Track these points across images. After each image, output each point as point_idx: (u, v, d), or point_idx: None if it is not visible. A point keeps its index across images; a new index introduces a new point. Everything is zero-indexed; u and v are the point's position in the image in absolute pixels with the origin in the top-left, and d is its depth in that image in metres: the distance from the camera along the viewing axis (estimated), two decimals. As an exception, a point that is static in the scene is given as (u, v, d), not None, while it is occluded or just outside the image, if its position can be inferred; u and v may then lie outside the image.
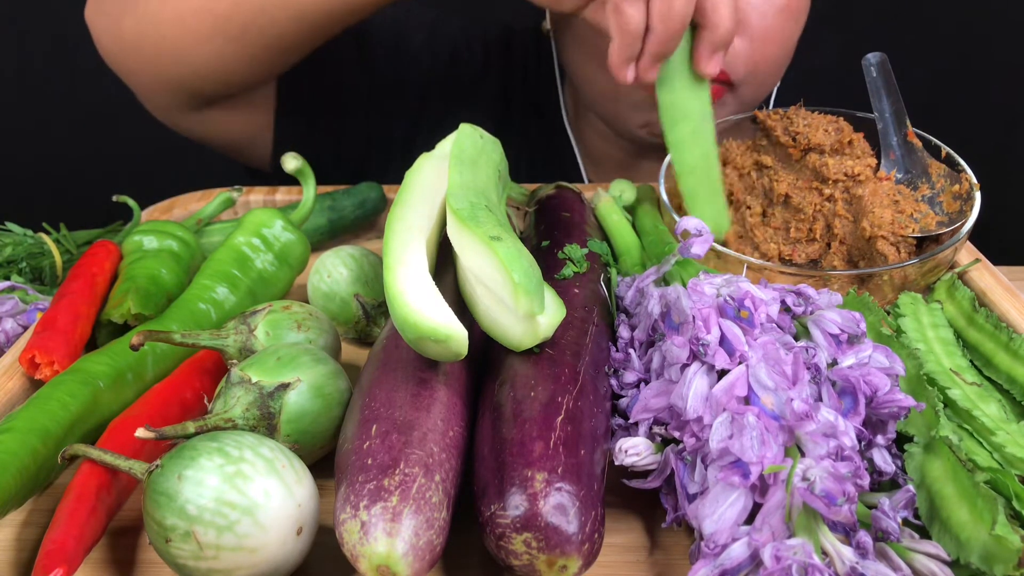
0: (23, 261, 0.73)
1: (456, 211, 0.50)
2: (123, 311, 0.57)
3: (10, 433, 0.46)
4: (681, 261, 0.54)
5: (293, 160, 0.66)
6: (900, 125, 0.67)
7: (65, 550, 0.40)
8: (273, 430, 0.48)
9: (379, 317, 0.62)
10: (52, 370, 0.53)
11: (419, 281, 0.47)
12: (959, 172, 0.65)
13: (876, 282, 0.59)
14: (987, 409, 0.49)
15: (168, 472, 0.41)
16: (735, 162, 0.69)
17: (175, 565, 0.41)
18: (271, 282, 0.63)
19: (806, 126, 0.66)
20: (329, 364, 0.50)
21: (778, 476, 0.39)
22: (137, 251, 0.64)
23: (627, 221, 0.67)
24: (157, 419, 0.48)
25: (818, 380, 0.44)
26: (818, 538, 0.37)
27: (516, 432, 0.43)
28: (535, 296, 0.45)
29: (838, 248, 0.63)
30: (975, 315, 0.57)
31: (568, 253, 0.57)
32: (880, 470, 0.44)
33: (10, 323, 0.64)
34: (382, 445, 0.42)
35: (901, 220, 0.61)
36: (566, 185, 0.69)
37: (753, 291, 0.46)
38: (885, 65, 0.68)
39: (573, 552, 0.40)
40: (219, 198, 0.73)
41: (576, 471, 0.41)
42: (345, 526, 0.39)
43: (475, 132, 0.60)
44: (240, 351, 0.53)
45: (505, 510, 0.40)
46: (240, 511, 0.40)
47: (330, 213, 0.77)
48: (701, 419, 0.43)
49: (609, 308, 0.56)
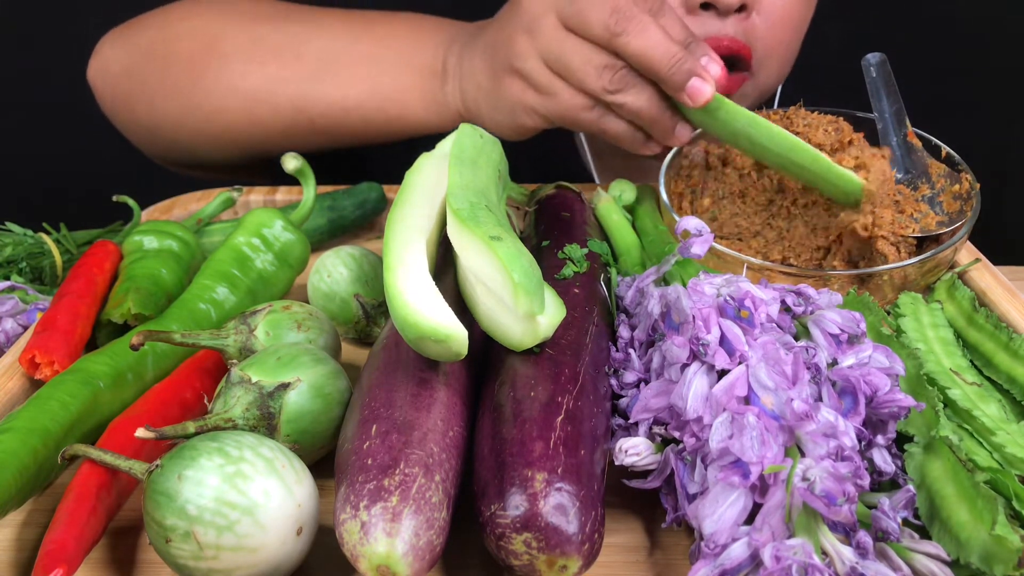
0: (23, 261, 0.73)
1: (456, 211, 0.50)
2: (123, 311, 0.57)
3: (10, 433, 0.46)
4: (681, 261, 0.54)
5: (293, 160, 0.66)
6: (900, 125, 0.67)
7: (65, 550, 0.40)
8: (273, 430, 0.48)
9: (379, 317, 0.62)
10: (52, 370, 0.53)
11: (419, 281, 0.47)
12: (959, 172, 0.65)
13: (876, 282, 0.59)
14: (987, 409, 0.49)
15: (168, 472, 0.41)
16: (735, 162, 0.69)
17: (175, 565, 0.41)
18: (271, 282, 0.63)
19: (806, 126, 0.66)
20: (329, 364, 0.50)
21: (778, 476, 0.39)
22: (137, 251, 0.64)
23: (627, 221, 0.67)
24: (157, 419, 0.48)
25: (818, 380, 0.44)
26: (818, 538, 0.37)
27: (516, 432, 0.43)
28: (535, 296, 0.45)
29: (838, 248, 0.63)
30: (975, 315, 0.57)
31: (568, 253, 0.57)
32: (880, 470, 0.44)
33: (10, 323, 0.64)
34: (382, 445, 0.42)
35: (901, 220, 0.61)
36: (566, 185, 0.69)
37: (753, 291, 0.46)
38: (885, 65, 0.68)
39: (573, 552, 0.40)
40: (219, 198, 0.73)
41: (576, 471, 0.41)
42: (345, 526, 0.39)
43: (475, 132, 0.60)
44: (240, 351, 0.53)
45: (505, 510, 0.40)
46: (240, 511, 0.40)
47: (330, 213, 0.77)
48: (701, 419, 0.43)
49: (609, 308, 0.56)
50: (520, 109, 0.69)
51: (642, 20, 0.62)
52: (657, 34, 0.62)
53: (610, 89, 0.64)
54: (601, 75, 0.64)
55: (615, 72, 0.63)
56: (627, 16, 0.62)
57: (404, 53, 0.77)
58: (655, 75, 0.63)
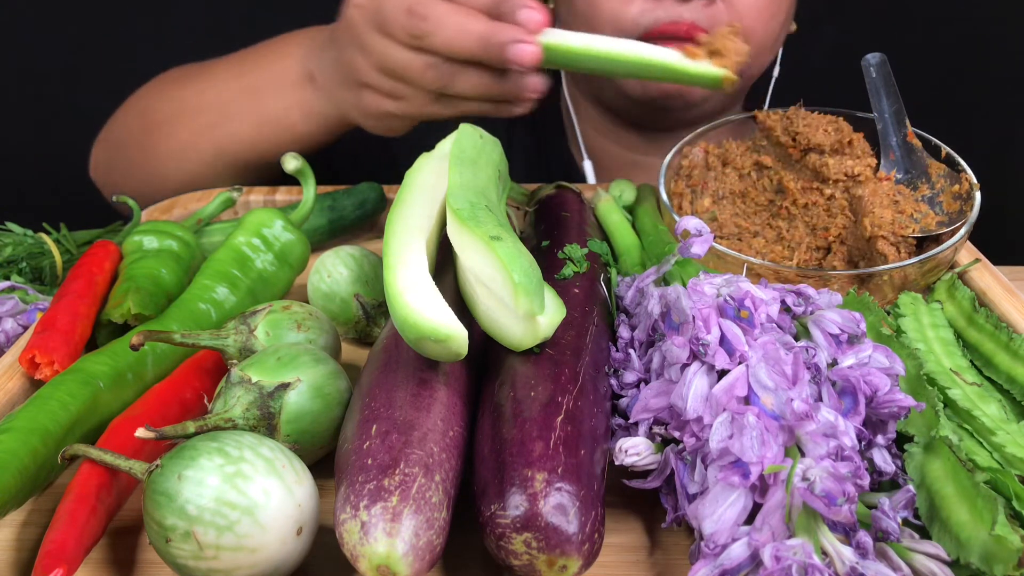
0: (23, 261, 0.73)
1: (456, 211, 0.50)
2: (123, 311, 0.57)
3: (10, 433, 0.46)
4: (681, 261, 0.54)
5: (293, 160, 0.66)
6: (900, 125, 0.67)
7: (65, 550, 0.40)
8: (273, 430, 0.48)
9: (379, 317, 0.62)
10: (52, 370, 0.53)
11: (419, 281, 0.47)
12: (959, 172, 0.65)
13: (876, 282, 0.59)
14: (987, 409, 0.49)
15: (168, 472, 0.41)
16: (735, 162, 0.69)
17: (175, 565, 0.41)
18: (271, 282, 0.63)
19: (806, 126, 0.66)
20: (329, 364, 0.50)
21: (778, 476, 0.39)
22: (137, 251, 0.64)
23: (627, 221, 0.67)
24: (157, 419, 0.48)
25: (818, 380, 0.44)
26: (818, 538, 0.37)
27: (516, 432, 0.43)
28: (535, 296, 0.45)
29: (838, 248, 0.63)
30: (975, 315, 0.57)
31: (568, 253, 0.57)
32: (880, 470, 0.44)
33: (10, 323, 0.64)
34: (382, 445, 0.42)
35: (901, 220, 0.61)
36: (566, 185, 0.69)
37: (753, 291, 0.46)
38: (885, 65, 0.68)
39: (573, 552, 0.40)
40: (219, 198, 0.73)
41: (576, 471, 0.41)
42: (345, 526, 0.39)
43: (475, 132, 0.60)
44: (240, 351, 0.53)
45: (505, 510, 0.40)
46: (240, 511, 0.40)
47: (330, 213, 0.77)
48: (701, 419, 0.43)
49: (609, 308, 0.56)
50: (383, 116, 0.71)
51: (437, 14, 0.62)
52: (456, 22, 0.62)
53: (440, 84, 0.65)
54: (426, 75, 0.64)
55: (436, 69, 0.64)
56: (422, 15, 0.62)
57: (276, 75, 0.80)
58: (472, 60, 0.63)
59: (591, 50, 0.63)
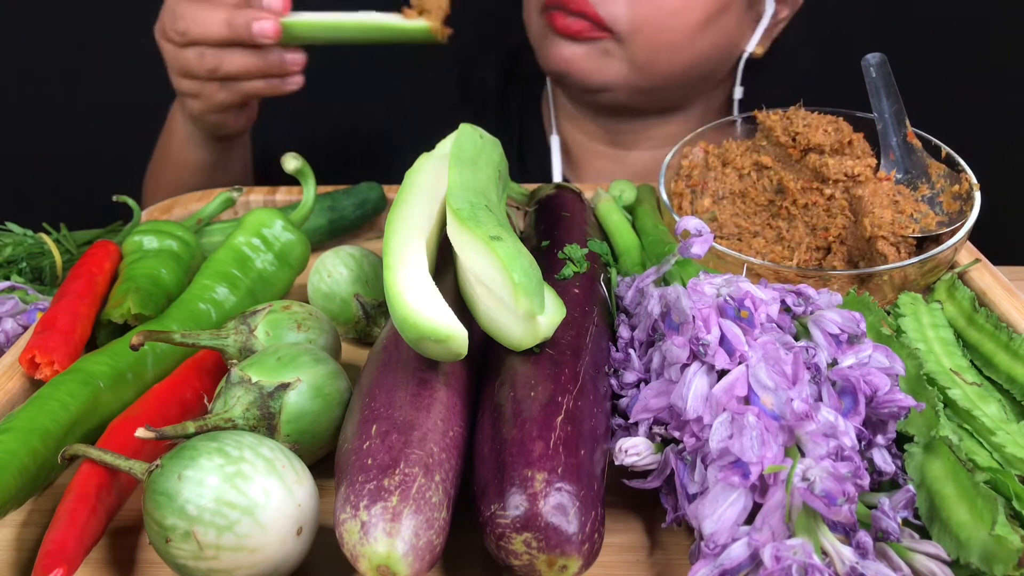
0: (23, 261, 0.73)
1: (456, 211, 0.50)
2: (123, 311, 0.57)
3: (10, 433, 0.46)
4: (681, 261, 0.54)
5: (293, 160, 0.66)
6: (900, 125, 0.67)
7: (65, 550, 0.40)
8: (273, 430, 0.48)
9: (379, 317, 0.62)
10: (52, 370, 0.53)
11: (419, 281, 0.47)
12: (959, 172, 0.65)
13: (876, 282, 0.59)
14: (987, 409, 0.49)
15: (168, 472, 0.41)
16: (735, 162, 0.69)
17: (175, 565, 0.41)
18: (271, 282, 0.63)
19: (806, 126, 0.66)
20: (329, 364, 0.50)
21: (778, 476, 0.39)
22: (137, 251, 0.64)
23: (627, 221, 0.67)
24: (157, 419, 0.48)
25: (818, 380, 0.44)
26: (818, 538, 0.37)
27: (516, 432, 0.43)
28: (535, 296, 0.45)
29: (838, 248, 0.63)
30: (975, 315, 0.57)
31: (568, 253, 0.57)
32: (880, 470, 0.44)
33: (10, 323, 0.64)
34: (382, 445, 0.42)
35: (901, 220, 0.61)
36: (566, 185, 0.69)
37: (753, 291, 0.46)
38: (885, 65, 0.68)
39: (573, 552, 0.40)
40: (219, 198, 0.73)
41: (576, 471, 0.41)
42: (345, 526, 0.39)
43: (475, 132, 0.60)
44: (240, 351, 0.53)
45: (505, 510, 0.40)
46: (240, 511, 0.40)
47: (330, 213, 0.77)
48: (701, 419, 0.43)
49: (609, 308, 0.56)
50: (208, 116, 0.82)
51: (190, 11, 0.75)
52: (204, 13, 0.75)
53: (210, 71, 0.77)
54: (199, 63, 0.76)
55: (204, 57, 0.76)
56: (179, 14, 0.76)
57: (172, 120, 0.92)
58: (227, 43, 0.75)
59: (323, 22, 0.77)
